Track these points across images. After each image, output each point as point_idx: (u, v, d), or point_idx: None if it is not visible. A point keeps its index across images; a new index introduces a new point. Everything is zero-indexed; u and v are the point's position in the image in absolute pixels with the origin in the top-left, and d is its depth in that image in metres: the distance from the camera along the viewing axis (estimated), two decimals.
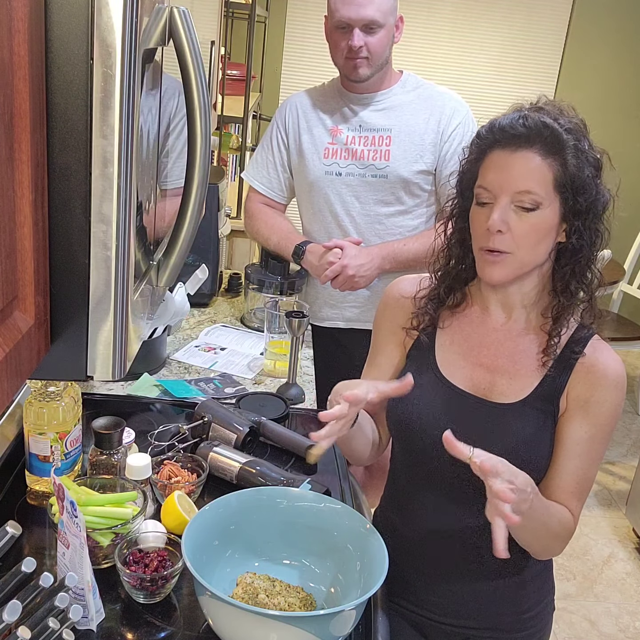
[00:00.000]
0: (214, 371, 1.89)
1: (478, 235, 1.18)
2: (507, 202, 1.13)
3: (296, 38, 4.55)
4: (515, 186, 1.13)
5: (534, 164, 1.12)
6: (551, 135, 1.12)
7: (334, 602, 1.12)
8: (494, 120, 1.18)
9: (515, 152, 1.13)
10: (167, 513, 1.24)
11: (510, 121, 1.15)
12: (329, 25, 1.94)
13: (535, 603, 1.34)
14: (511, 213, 1.14)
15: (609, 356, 1.20)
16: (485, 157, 1.17)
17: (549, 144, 1.12)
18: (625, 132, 4.63)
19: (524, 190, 1.12)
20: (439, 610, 1.32)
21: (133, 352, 0.80)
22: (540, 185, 1.12)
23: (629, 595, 2.76)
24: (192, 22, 0.83)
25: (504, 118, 1.17)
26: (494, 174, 1.15)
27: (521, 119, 1.14)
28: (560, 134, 1.12)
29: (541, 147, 1.12)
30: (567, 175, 1.13)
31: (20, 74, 0.61)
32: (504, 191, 1.13)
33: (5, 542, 0.92)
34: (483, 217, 1.16)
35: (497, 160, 1.15)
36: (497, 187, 1.14)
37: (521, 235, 1.14)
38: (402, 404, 1.29)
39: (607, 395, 1.19)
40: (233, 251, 3.35)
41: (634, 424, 3.98)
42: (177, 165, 1.07)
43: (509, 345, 1.25)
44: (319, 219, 2.08)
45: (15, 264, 0.65)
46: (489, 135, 1.17)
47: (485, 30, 4.54)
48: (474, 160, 1.20)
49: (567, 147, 1.12)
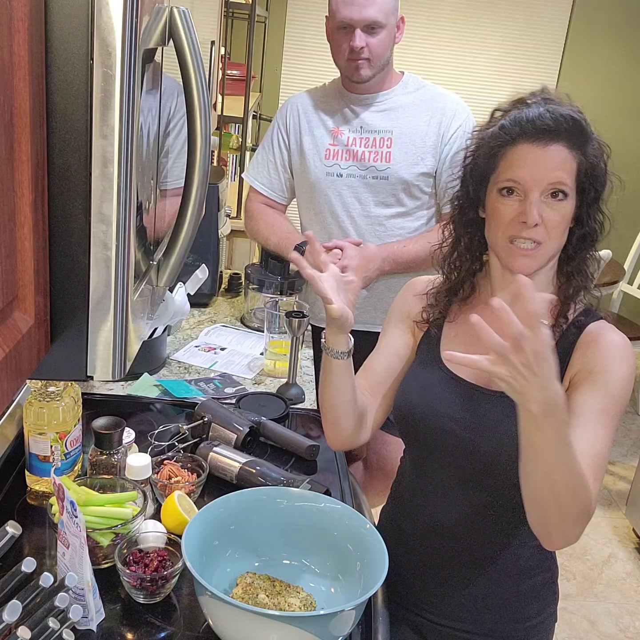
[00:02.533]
0: (214, 371, 1.89)
1: (506, 224, 1.17)
2: (539, 195, 1.15)
3: (296, 38, 4.55)
4: (548, 179, 1.14)
5: (563, 156, 1.15)
6: (577, 127, 1.15)
7: (334, 602, 1.12)
8: (518, 113, 1.18)
9: (547, 146, 1.14)
10: (167, 513, 1.24)
11: (538, 114, 1.15)
12: (330, 26, 1.94)
13: (537, 612, 1.32)
14: (542, 204, 1.15)
15: (612, 331, 1.20)
16: (509, 150, 1.17)
17: (575, 136, 1.15)
18: (626, 132, 4.62)
19: (557, 182, 1.14)
20: (439, 612, 1.32)
21: (133, 352, 0.80)
22: (568, 176, 1.15)
23: (629, 595, 2.76)
24: (192, 22, 0.83)
25: (529, 111, 1.17)
26: (526, 168, 1.15)
27: (548, 112, 1.15)
28: (585, 127, 1.16)
29: (568, 139, 1.15)
30: (587, 166, 1.16)
31: (20, 74, 0.61)
32: (537, 185, 1.14)
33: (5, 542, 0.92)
34: (511, 209, 1.17)
35: (527, 154, 1.15)
36: (529, 181, 1.15)
37: (553, 226, 1.16)
38: (404, 395, 1.30)
39: (614, 365, 1.16)
40: (233, 251, 3.35)
41: (634, 424, 3.98)
42: (176, 165, 1.07)
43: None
44: (320, 219, 2.08)
45: (15, 264, 0.65)
46: (516, 128, 1.16)
47: (485, 30, 4.54)
48: (493, 153, 1.19)
49: (590, 138, 1.16)
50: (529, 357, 0.94)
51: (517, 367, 0.95)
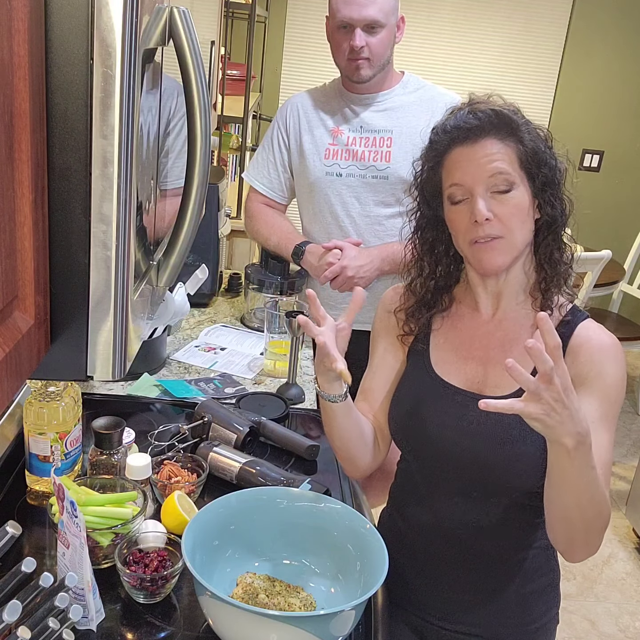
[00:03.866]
0: (214, 371, 1.89)
1: (463, 231, 1.18)
2: (483, 191, 1.15)
3: (296, 38, 4.55)
4: (486, 171, 1.14)
5: (496, 148, 1.15)
6: (503, 119, 1.16)
7: (334, 602, 1.12)
8: (440, 124, 1.22)
9: (475, 143, 1.16)
10: (167, 513, 1.24)
11: (461, 118, 1.18)
12: (330, 26, 1.94)
13: (539, 616, 1.31)
14: (491, 200, 1.15)
15: (602, 333, 1.20)
16: (445, 158, 1.20)
17: (503, 127, 1.16)
18: (625, 132, 4.62)
19: (496, 172, 1.14)
20: (439, 614, 1.31)
21: (133, 352, 0.80)
22: (507, 164, 1.15)
23: (629, 595, 2.76)
24: (192, 22, 0.83)
25: (450, 119, 1.20)
26: (462, 168, 1.17)
27: (470, 114, 1.17)
28: (509, 116, 1.16)
29: (497, 132, 1.15)
30: (527, 151, 1.16)
31: (20, 74, 0.61)
32: (477, 181, 1.15)
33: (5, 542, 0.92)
34: (463, 214, 1.18)
35: (460, 156, 1.17)
36: (469, 180, 1.16)
37: (507, 218, 1.15)
38: (398, 406, 1.30)
39: (608, 367, 1.17)
40: (233, 251, 3.35)
41: (634, 424, 3.98)
42: (176, 165, 1.07)
43: (499, 336, 1.25)
44: (319, 219, 2.08)
45: (15, 264, 0.65)
46: (444, 137, 1.19)
47: (485, 30, 4.54)
48: (433, 166, 1.22)
49: (519, 124, 1.16)
50: (559, 391, 0.95)
51: (550, 402, 0.96)
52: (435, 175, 1.23)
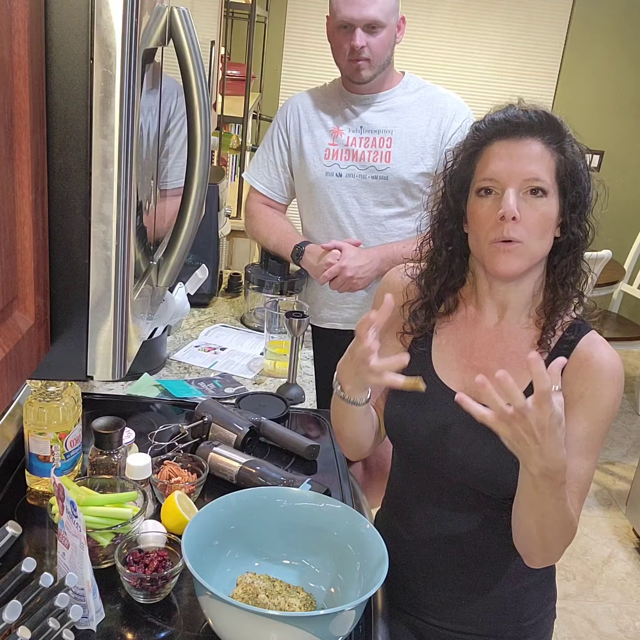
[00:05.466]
0: (214, 371, 1.89)
1: (487, 228, 1.14)
2: (516, 189, 1.12)
3: (296, 38, 4.55)
4: (524, 173, 1.12)
5: (539, 151, 1.13)
6: (552, 124, 1.14)
7: (334, 602, 1.12)
8: (491, 114, 1.18)
9: (520, 140, 1.13)
10: (167, 513, 1.24)
11: (512, 112, 1.15)
12: (330, 26, 1.94)
13: (536, 611, 1.32)
14: (521, 202, 1.12)
15: (603, 350, 1.18)
16: (484, 150, 1.16)
17: (551, 132, 1.14)
18: (625, 132, 4.62)
19: (533, 177, 1.12)
20: (438, 614, 1.31)
21: (133, 352, 0.80)
22: (546, 172, 1.13)
23: (629, 595, 2.76)
24: (192, 22, 0.83)
25: (500, 113, 1.17)
26: (501, 162, 1.13)
27: (521, 110, 1.15)
28: (560, 123, 1.15)
29: (543, 135, 1.13)
30: (567, 165, 1.14)
31: (20, 74, 0.61)
32: (513, 179, 1.12)
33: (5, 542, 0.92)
34: (489, 209, 1.14)
35: (502, 149, 1.14)
36: (505, 176, 1.13)
37: (532, 223, 1.12)
38: (396, 405, 1.29)
39: (604, 389, 1.15)
40: (233, 251, 3.35)
41: (634, 424, 3.98)
42: (176, 165, 1.07)
43: (499, 347, 1.23)
44: (319, 219, 2.08)
45: (15, 264, 0.65)
46: (491, 127, 1.16)
47: (485, 30, 4.54)
48: (470, 155, 1.19)
49: (566, 135, 1.14)
50: (533, 427, 0.96)
51: (520, 433, 0.97)
52: (468, 166, 1.19)
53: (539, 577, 1.30)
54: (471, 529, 1.25)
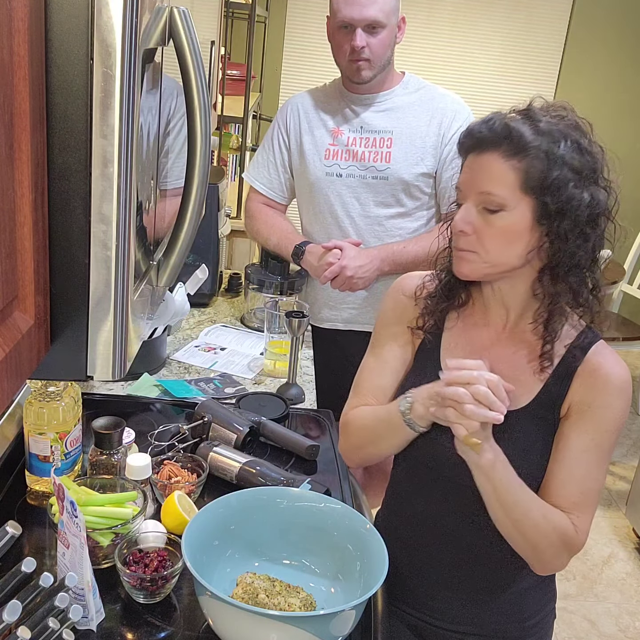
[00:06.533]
0: (214, 371, 1.89)
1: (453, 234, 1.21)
2: (472, 203, 1.15)
3: (296, 38, 4.55)
4: (477, 187, 1.14)
5: (495, 166, 1.12)
6: (514, 137, 1.11)
7: (334, 602, 1.12)
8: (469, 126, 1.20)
9: (480, 155, 1.14)
10: (167, 513, 1.24)
11: (477, 125, 1.16)
12: (331, 26, 1.94)
13: (536, 611, 1.32)
14: (477, 215, 1.15)
15: (613, 361, 1.18)
16: (464, 160, 1.20)
17: (512, 146, 1.11)
18: (625, 132, 4.62)
19: (484, 191, 1.13)
20: (438, 615, 1.31)
21: (133, 352, 0.80)
22: (501, 187, 1.11)
23: (629, 595, 2.76)
24: (192, 22, 0.83)
25: (475, 123, 1.18)
26: (464, 175, 1.18)
27: (487, 123, 1.14)
28: (523, 136, 1.10)
29: (505, 149, 1.11)
30: (534, 176, 1.10)
31: (20, 74, 0.61)
32: (470, 192, 1.15)
33: (5, 542, 0.92)
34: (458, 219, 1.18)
35: (467, 163, 1.18)
36: (466, 188, 1.16)
37: (487, 238, 1.14)
38: None
39: (612, 401, 1.16)
40: (233, 251, 3.35)
41: (634, 424, 3.97)
42: (176, 165, 1.07)
43: (509, 351, 1.23)
44: (319, 219, 2.08)
45: (15, 264, 0.65)
46: (465, 140, 1.18)
47: (485, 30, 4.54)
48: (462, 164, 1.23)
49: (531, 148, 1.10)
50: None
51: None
52: None
53: (539, 577, 1.30)
54: (472, 529, 1.25)
